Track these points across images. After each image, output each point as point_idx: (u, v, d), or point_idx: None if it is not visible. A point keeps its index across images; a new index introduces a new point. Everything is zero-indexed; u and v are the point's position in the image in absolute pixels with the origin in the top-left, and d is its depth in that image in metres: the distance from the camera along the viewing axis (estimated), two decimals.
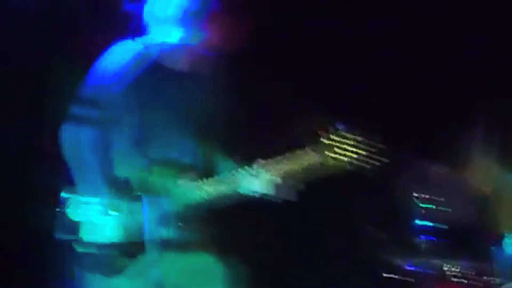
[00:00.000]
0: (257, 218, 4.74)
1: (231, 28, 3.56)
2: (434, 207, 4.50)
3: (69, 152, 3.50)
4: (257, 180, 3.43)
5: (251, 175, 3.45)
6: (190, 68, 3.62)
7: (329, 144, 3.36)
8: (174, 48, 3.57)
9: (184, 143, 3.57)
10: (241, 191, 3.48)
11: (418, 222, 4.50)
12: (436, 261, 4.48)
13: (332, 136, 3.36)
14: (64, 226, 3.45)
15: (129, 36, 3.41)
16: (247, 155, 3.53)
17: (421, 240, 4.49)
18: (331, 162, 3.36)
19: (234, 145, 3.66)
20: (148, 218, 3.38)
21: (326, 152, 3.35)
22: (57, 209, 3.48)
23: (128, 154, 3.48)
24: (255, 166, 3.46)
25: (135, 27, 3.31)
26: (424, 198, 4.49)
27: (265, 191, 3.45)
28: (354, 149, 3.35)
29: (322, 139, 3.37)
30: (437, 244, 4.49)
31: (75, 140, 3.49)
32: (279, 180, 3.42)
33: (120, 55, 3.52)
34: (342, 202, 4.97)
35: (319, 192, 4.59)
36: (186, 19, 3.53)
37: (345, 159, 3.35)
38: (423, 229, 4.49)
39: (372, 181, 4.40)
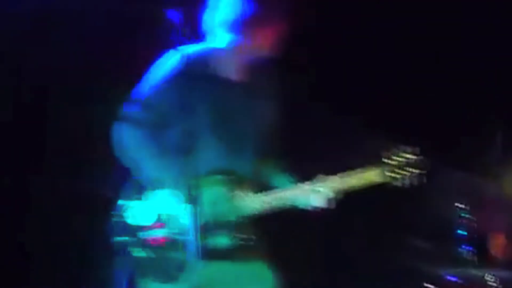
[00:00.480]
0: (309, 231, 4.82)
1: (284, 33, 3.54)
2: (475, 217, 4.52)
3: (121, 151, 3.51)
4: (317, 195, 3.47)
5: (312, 189, 3.48)
6: (245, 75, 3.61)
7: (390, 163, 3.43)
8: (228, 54, 3.56)
9: (239, 153, 3.57)
10: (300, 205, 3.52)
11: (460, 232, 4.52)
12: (477, 271, 4.50)
13: (393, 156, 3.43)
14: (120, 231, 3.49)
15: (181, 44, 3.34)
16: (307, 169, 3.55)
17: (462, 250, 4.50)
18: (391, 180, 3.43)
19: (293, 158, 3.67)
20: (199, 226, 3.35)
21: (387, 172, 3.43)
22: (113, 214, 3.52)
23: (178, 162, 3.44)
24: (315, 181, 3.49)
25: (186, 36, 3.29)
26: (466, 208, 4.51)
27: (324, 206, 3.49)
28: (413, 169, 3.43)
29: (383, 159, 3.44)
30: (478, 254, 4.50)
31: (128, 140, 3.50)
32: (338, 196, 3.47)
33: (172, 62, 3.51)
34: (385, 213, 5.02)
35: (367, 204, 4.72)
36: (239, 24, 3.52)
37: (404, 178, 3.42)
38: (465, 239, 4.50)
39: (417, 193, 4.48)
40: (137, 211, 3.49)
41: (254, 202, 3.50)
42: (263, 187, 3.55)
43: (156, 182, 3.46)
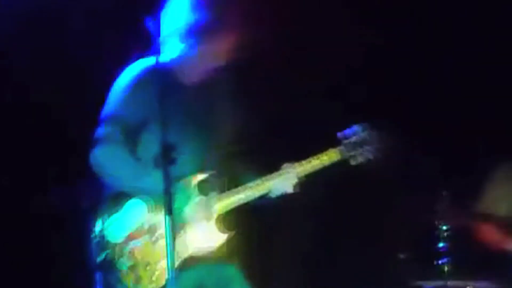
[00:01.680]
0: (282, 233, 4.84)
1: (238, 39, 3.58)
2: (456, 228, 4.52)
3: (102, 173, 3.54)
4: (284, 182, 3.60)
5: (278, 178, 3.60)
6: (203, 81, 3.64)
7: (350, 143, 3.62)
8: (185, 62, 3.60)
9: (207, 155, 3.62)
10: (270, 194, 3.62)
11: (440, 243, 4.51)
12: (457, 283, 4.49)
13: (354, 136, 3.62)
14: (100, 248, 3.48)
15: (141, 55, 3.39)
16: (271, 159, 3.66)
17: (442, 262, 4.50)
18: (349, 158, 3.62)
19: (256, 150, 3.77)
20: (174, 231, 3.32)
21: (343, 151, 3.61)
22: (91, 234, 3.50)
23: (149, 171, 3.42)
24: (281, 170, 3.62)
25: (147, 45, 3.27)
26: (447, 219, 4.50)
27: (291, 191, 3.61)
28: (367, 145, 3.62)
29: (344, 140, 3.63)
30: (458, 265, 4.50)
31: (106, 162, 3.51)
32: (304, 180, 3.61)
33: (133, 75, 3.55)
34: (364, 225, 5.01)
35: (345, 214, 4.70)
36: (194, 32, 3.54)
37: (366, 158, 3.61)
38: (445, 251, 4.50)
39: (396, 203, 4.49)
40: (114, 225, 3.50)
41: (227, 200, 3.58)
42: (233, 184, 3.63)
43: (136, 191, 3.51)
